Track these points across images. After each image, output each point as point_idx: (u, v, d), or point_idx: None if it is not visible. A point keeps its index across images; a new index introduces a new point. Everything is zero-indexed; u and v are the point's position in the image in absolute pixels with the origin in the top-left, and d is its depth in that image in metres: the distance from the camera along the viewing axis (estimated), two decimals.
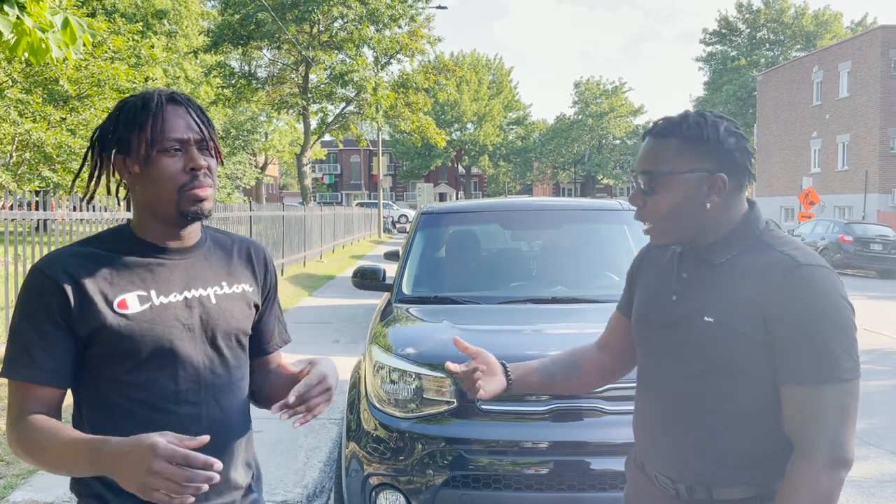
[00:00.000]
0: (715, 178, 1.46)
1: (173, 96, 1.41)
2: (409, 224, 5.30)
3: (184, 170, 1.38)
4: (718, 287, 1.47)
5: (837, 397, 1.35)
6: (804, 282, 1.38)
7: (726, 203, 1.48)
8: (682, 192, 1.47)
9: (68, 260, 1.37)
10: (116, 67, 13.98)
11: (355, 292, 10.15)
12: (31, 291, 1.36)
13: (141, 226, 1.44)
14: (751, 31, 53.04)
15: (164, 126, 1.36)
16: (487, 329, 3.69)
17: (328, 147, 60.43)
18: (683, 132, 1.47)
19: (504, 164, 66.90)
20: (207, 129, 1.41)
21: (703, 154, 1.46)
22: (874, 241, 19.95)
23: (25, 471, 4.29)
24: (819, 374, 1.35)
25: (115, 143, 1.40)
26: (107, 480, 1.33)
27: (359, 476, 3.10)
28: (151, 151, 1.35)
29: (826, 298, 1.37)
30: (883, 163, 30.83)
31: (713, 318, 1.45)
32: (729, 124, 1.48)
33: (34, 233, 7.24)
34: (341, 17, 26.74)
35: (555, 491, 2.89)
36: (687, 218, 1.49)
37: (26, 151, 13.71)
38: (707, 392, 1.47)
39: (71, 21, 4.23)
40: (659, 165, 1.49)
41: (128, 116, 1.38)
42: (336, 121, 29.96)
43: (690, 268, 1.55)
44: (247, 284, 1.54)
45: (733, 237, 1.49)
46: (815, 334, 1.36)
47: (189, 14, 35.85)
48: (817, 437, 1.35)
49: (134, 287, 1.38)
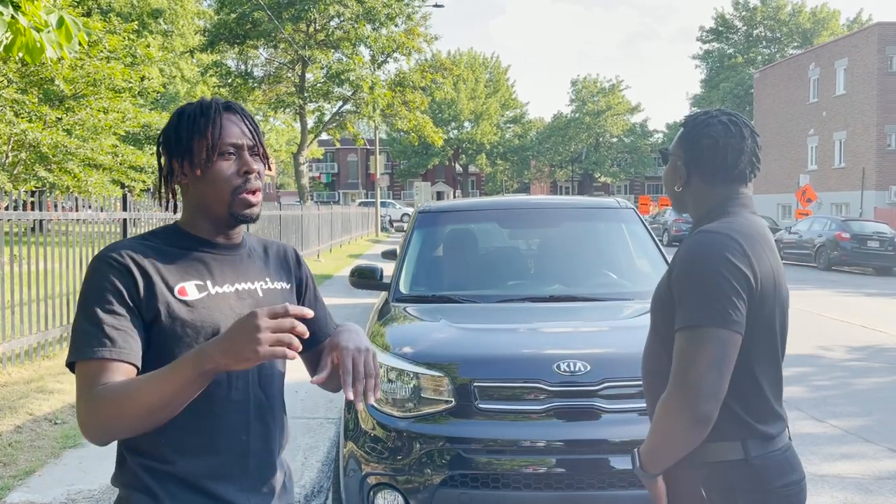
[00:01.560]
0: (680, 167, 1.77)
1: (229, 104, 1.51)
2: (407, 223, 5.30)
3: (238, 173, 1.47)
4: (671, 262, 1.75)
5: (693, 343, 1.52)
6: (689, 244, 1.63)
7: (693, 191, 1.76)
8: (669, 170, 1.83)
9: (132, 248, 1.44)
10: (112, 67, 13.94)
11: (353, 291, 10.13)
12: (99, 276, 1.39)
13: (192, 224, 1.52)
14: (747, 28, 53.07)
15: (222, 132, 1.46)
16: (485, 328, 3.68)
17: (325, 146, 60.41)
18: (685, 124, 1.79)
19: (501, 163, 66.85)
20: (258, 136, 1.51)
21: (683, 145, 1.77)
22: (871, 238, 19.97)
23: (23, 472, 4.28)
24: (681, 320, 1.56)
25: (177, 148, 1.48)
26: (152, 470, 1.39)
27: (357, 476, 3.09)
28: (212, 155, 1.45)
29: (698, 255, 1.58)
30: (880, 160, 30.86)
31: (657, 287, 1.73)
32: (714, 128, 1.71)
33: (30, 233, 7.22)
34: (338, 16, 26.69)
35: (553, 490, 2.89)
36: (671, 193, 1.83)
37: (22, 151, 13.67)
38: (652, 350, 1.73)
39: (66, 20, 4.21)
40: (671, 145, 1.83)
41: (188, 123, 1.47)
42: (333, 120, 29.92)
43: None
44: (285, 282, 1.62)
45: (702, 220, 1.75)
46: (681, 286, 1.58)
47: (185, 13, 35.78)
48: (673, 377, 1.54)
49: (191, 277, 1.46)
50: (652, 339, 1.74)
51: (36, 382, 6.16)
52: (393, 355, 3.26)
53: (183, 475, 1.41)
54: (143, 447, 1.42)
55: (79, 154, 14.03)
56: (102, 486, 4.09)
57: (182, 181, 1.50)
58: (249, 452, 1.47)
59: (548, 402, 2.98)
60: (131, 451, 1.44)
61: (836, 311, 11.85)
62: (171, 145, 1.49)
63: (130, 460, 1.43)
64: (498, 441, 2.96)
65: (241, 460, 1.46)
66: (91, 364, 1.33)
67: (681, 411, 1.50)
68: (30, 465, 4.41)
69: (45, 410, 5.48)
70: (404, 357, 3.22)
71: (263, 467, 1.50)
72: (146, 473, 1.41)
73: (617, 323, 3.75)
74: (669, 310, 1.61)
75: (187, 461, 1.41)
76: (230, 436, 1.44)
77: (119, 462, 1.47)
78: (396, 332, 3.59)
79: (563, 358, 3.06)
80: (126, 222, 8.30)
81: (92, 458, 4.54)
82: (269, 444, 1.51)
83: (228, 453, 1.44)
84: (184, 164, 1.48)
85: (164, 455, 1.41)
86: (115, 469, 1.48)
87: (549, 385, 2.99)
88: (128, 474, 1.44)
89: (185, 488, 1.41)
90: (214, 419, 1.42)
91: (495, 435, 2.97)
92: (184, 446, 1.41)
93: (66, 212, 7.38)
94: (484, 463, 2.92)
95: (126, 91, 15.38)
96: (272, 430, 1.52)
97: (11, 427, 5.08)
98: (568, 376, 2.99)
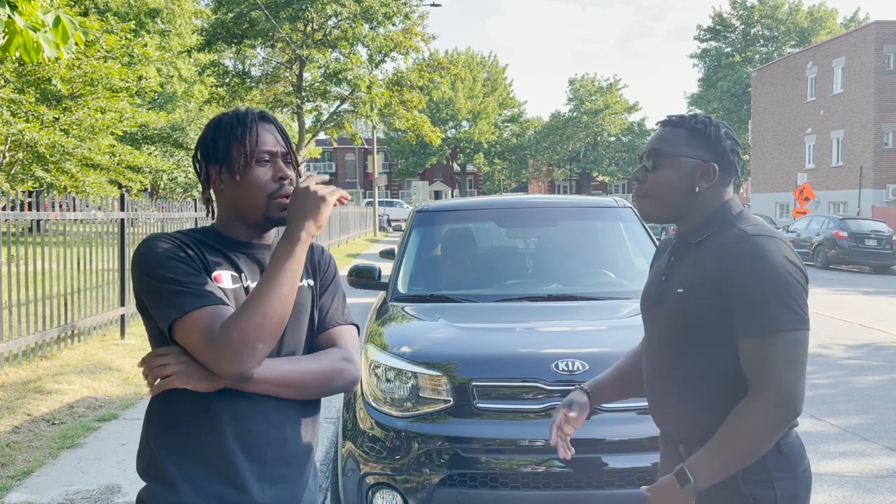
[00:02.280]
0: (708, 167, 1.70)
1: (263, 114, 1.59)
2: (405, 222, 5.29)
3: (273, 178, 1.54)
4: (690, 263, 1.71)
5: (780, 347, 1.52)
6: (748, 248, 1.59)
7: (712, 191, 1.72)
8: (680, 172, 1.72)
9: (175, 235, 1.52)
10: (109, 66, 13.90)
11: (351, 291, 10.10)
12: (158, 251, 1.46)
13: (227, 227, 1.59)
14: (745, 27, 53.10)
15: (259, 139, 1.54)
16: (484, 327, 3.68)
17: (323, 146, 60.34)
18: (692, 125, 1.73)
19: (499, 162, 66.83)
20: (289, 145, 1.60)
21: (704, 145, 1.71)
22: (869, 236, 20.01)
23: (21, 472, 4.28)
24: (761, 327, 1.54)
25: (214, 155, 1.55)
26: (179, 462, 1.45)
27: (355, 475, 3.09)
28: (250, 161, 1.52)
29: (764, 260, 1.57)
30: (877, 158, 30.90)
31: (683, 289, 1.68)
32: (728, 130, 1.74)
33: (27, 233, 7.21)
34: (335, 16, 26.65)
35: (551, 489, 2.89)
36: (678, 196, 1.72)
37: (19, 151, 13.64)
38: (681, 357, 1.68)
39: (63, 20, 4.20)
40: (666, 147, 1.74)
41: (226, 131, 1.55)
42: (331, 119, 29.88)
43: (677, 251, 1.79)
44: (310, 279, 1.67)
45: (710, 221, 1.72)
46: (754, 292, 1.55)
47: (182, 13, 35.73)
48: (764, 382, 1.53)
49: (226, 268, 1.53)
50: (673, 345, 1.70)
51: (34, 383, 6.15)
52: (391, 355, 3.26)
53: (203, 461, 1.45)
54: (164, 433, 1.48)
55: (76, 154, 14.00)
56: (101, 487, 4.09)
57: (219, 187, 1.57)
58: (268, 442, 1.50)
59: (546, 402, 2.98)
60: (154, 439, 1.49)
61: (834, 310, 11.87)
62: (208, 152, 1.56)
63: (153, 445, 1.49)
64: (496, 440, 2.96)
65: (258, 450, 1.49)
66: (199, 313, 1.39)
67: (776, 415, 1.52)
68: (28, 465, 4.40)
69: (42, 411, 5.47)
70: (402, 357, 3.22)
71: (281, 458, 1.52)
72: (166, 460, 1.46)
73: (615, 322, 3.75)
74: (715, 315, 1.61)
75: (206, 448, 1.46)
76: (249, 424, 1.48)
77: (140, 450, 1.53)
78: (395, 332, 3.59)
79: (561, 357, 3.06)
80: (124, 222, 8.29)
81: (90, 459, 4.53)
82: (286, 435, 1.54)
83: (247, 442, 1.47)
84: (221, 171, 1.55)
85: (183, 441, 1.46)
86: (136, 459, 1.54)
87: (547, 384, 2.99)
88: (147, 459, 1.50)
89: (203, 474, 1.45)
90: (234, 408, 1.46)
91: (494, 434, 2.97)
92: (202, 434, 1.46)
93: (63, 212, 7.37)
94: (482, 462, 2.92)
95: (123, 91, 15.34)
96: (292, 421, 1.55)
97: (9, 427, 5.07)
98: (566, 375, 2.99)
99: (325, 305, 1.66)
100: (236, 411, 1.46)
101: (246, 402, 1.46)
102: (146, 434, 1.52)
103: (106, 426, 5.21)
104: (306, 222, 1.45)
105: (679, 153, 1.72)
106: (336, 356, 1.58)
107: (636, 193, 1.80)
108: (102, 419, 5.35)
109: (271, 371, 1.45)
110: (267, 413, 1.49)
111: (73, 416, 5.42)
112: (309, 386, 1.52)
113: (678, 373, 1.69)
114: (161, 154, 24.52)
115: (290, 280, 1.43)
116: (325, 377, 1.53)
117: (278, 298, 1.40)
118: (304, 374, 1.51)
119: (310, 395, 1.56)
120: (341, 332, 1.64)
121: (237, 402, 1.46)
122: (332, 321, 1.65)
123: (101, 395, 6.02)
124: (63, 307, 7.31)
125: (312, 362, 1.54)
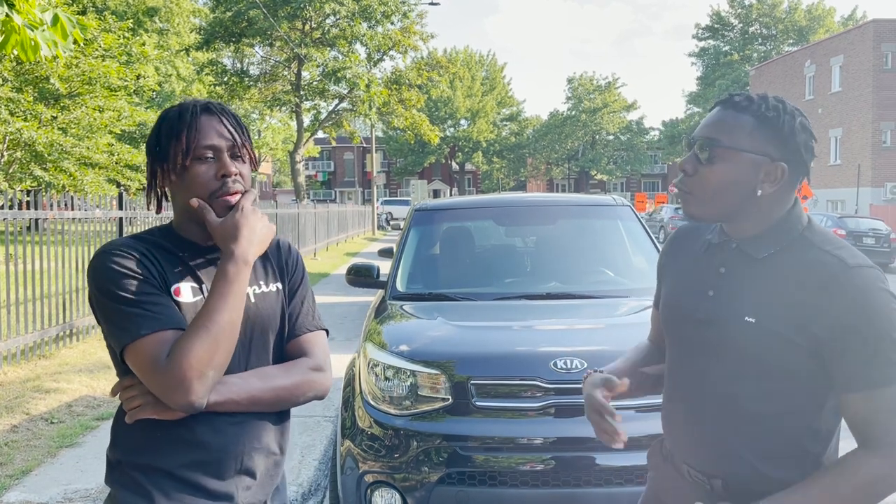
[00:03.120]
0: (775, 166, 1.41)
1: (208, 106, 1.49)
2: (404, 221, 5.29)
3: (215, 176, 1.45)
4: (760, 286, 1.43)
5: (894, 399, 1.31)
6: (855, 286, 1.33)
7: (778, 194, 1.43)
8: (740, 170, 1.42)
9: (131, 244, 1.44)
10: (107, 65, 13.90)
11: (349, 290, 10.11)
12: (114, 266, 1.39)
13: (182, 227, 1.51)
14: (743, 26, 53.13)
15: (198, 135, 1.44)
16: (482, 325, 3.69)
17: (321, 144, 60.30)
18: (761, 112, 1.42)
19: (498, 161, 66.84)
20: (240, 136, 1.48)
21: (773, 139, 1.41)
22: (867, 234, 20.05)
23: (19, 471, 4.27)
24: (885, 377, 1.31)
25: (157, 154, 1.48)
26: (145, 468, 1.41)
27: (354, 474, 3.09)
28: (186, 160, 1.43)
29: (880, 301, 1.33)
30: (875, 157, 30.93)
31: (754, 318, 1.40)
32: (804, 120, 1.44)
33: (25, 232, 7.20)
34: (333, 14, 26.64)
35: (551, 487, 2.89)
36: (734, 198, 1.43)
37: (17, 150, 13.63)
38: (743, 392, 1.44)
39: (61, 18, 4.20)
40: (725, 136, 1.43)
41: (167, 128, 1.46)
42: (329, 118, 29.87)
43: (729, 262, 1.49)
44: (278, 283, 1.59)
45: (777, 231, 1.45)
46: (875, 338, 1.31)
47: (180, 11, 35.70)
48: (884, 436, 1.32)
49: (186, 279, 1.46)
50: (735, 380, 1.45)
51: (32, 382, 6.14)
52: (390, 353, 3.26)
53: (173, 470, 1.41)
54: (134, 444, 1.43)
55: (74, 153, 13.99)
56: (99, 486, 4.08)
57: (165, 186, 1.50)
58: (241, 447, 1.46)
59: (545, 400, 2.98)
60: (122, 450, 1.44)
61: None
62: (153, 150, 1.49)
63: (122, 458, 1.44)
64: (495, 438, 2.96)
65: (232, 455, 1.45)
66: (148, 339, 1.33)
67: None
68: (26, 464, 4.40)
69: (41, 410, 5.47)
70: (401, 355, 3.22)
71: (253, 464, 1.48)
72: (137, 471, 1.41)
73: (614, 320, 3.76)
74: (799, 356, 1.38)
75: (178, 456, 1.41)
76: (221, 430, 1.44)
77: (109, 461, 1.47)
78: (393, 330, 3.59)
79: (559, 355, 3.07)
80: (122, 221, 8.28)
81: (89, 458, 4.53)
82: (263, 440, 1.50)
83: (219, 448, 1.44)
84: (165, 169, 1.47)
85: (154, 451, 1.41)
86: (105, 468, 1.49)
87: (545, 382, 2.99)
88: (118, 472, 1.44)
89: (176, 484, 1.41)
90: (205, 414, 1.40)
91: (492, 432, 2.97)
92: (174, 442, 1.41)
93: (61, 210, 7.36)
94: (481, 460, 2.92)
95: (121, 89, 15.34)
96: (265, 425, 1.51)
97: (8, 426, 5.07)
98: (564, 373, 2.99)
99: (295, 311, 1.59)
100: (209, 420, 1.42)
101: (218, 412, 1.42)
102: (113, 443, 1.47)
103: (105, 425, 5.20)
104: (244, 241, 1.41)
105: (742, 146, 1.41)
106: (306, 367, 1.52)
107: (681, 188, 1.49)
108: (101, 418, 5.35)
109: (239, 389, 1.41)
110: (239, 421, 1.45)
111: (71, 414, 5.42)
112: (279, 401, 1.48)
113: (739, 411, 1.45)
114: None
115: (236, 304, 1.38)
116: (296, 391, 1.49)
117: (227, 324, 1.35)
118: (274, 391, 1.46)
119: (280, 409, 1.52)
120: (311, 340, 1.58)
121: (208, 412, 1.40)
122: (302, 327, 1.58)
123: (99, 393, 6.02)
124: (61, 306, 7.31)
125: (282, 377, 1.48)
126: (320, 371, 1.54)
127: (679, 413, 1.58)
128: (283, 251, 1.64)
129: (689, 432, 1.55)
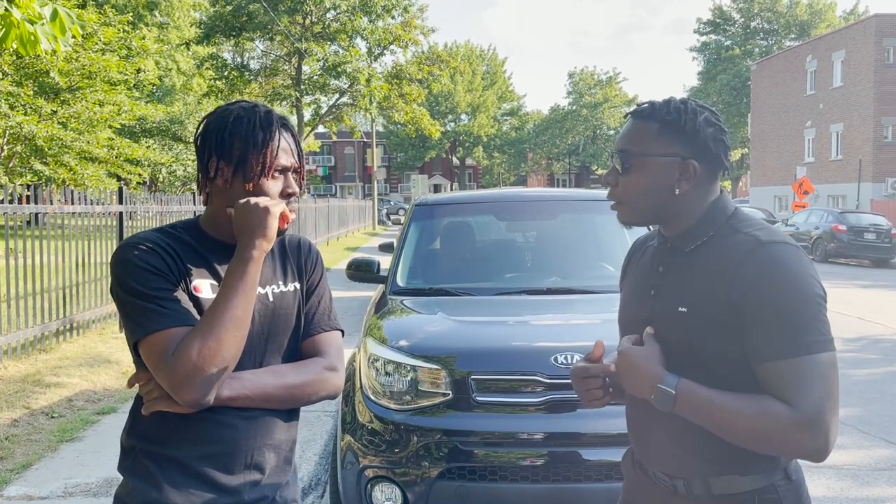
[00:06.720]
0: (687, 165, 1.48)
1: (284, 122, 1.52)
2: (404, 216, 5.28)
3: (282, 194, 1.49)
4: (688, 276, 1.49)
5: (818, 368, 1.32)
6: (768, 259, 1.38)
7: (697, 190, 1.50)
8: (654, 174, 1.49)
9: (155, 238, 1.46)
10: (107, 59, 13.88)
11: (350, 284, 10.11)
12: (135, 259, 1.40)
13: (214, 225, 1.52)
14: (745, 20, 52.96)
15: (280, 153, 1.48)
16: (482, 321, 3.68)
17: (322, 139, 60.25)
18: (662, 116, 1.49)
19: (498, 155, 66.78)
20: (301, 158, 1.54)
21: (678, 140, 1.48)
22: (868, 230, 20.04)
23: (20, 465, 4.28)
24: (797, 347, 1.33)
25: (223, 152, 1.47)
26: (157, 457, 1.43)
27: (354, 469, 3.09)
28: (266, 174, 1.46)
29: (792, 273, 1.37)
30: (876, 152, 30.87)
31: (686, 307, 1.46)
32: (709, 115, 1.50)
33: (26, 226, 7.20)
34: (334, 8, 26.56)
35: (550, 482, 2.89)
36: (656, 200, 1.50)
37: (17, 144, 13.62)
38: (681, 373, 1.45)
39: (60, 12, 4.18)
40: (635, 146, 1.51)
41: (245, 132, 1.46)
42: (330, 112, 29.82)
43: (665, 260, 1.57)
44: (296, 282, 1.61)
45: (703, 224, 1.51)
46: (786, 309, 1.34)
47: (180, 5, 35.63)
48: (801, 403, 1.31)
49: (206, 276, 1.48)
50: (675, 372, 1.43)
51: (33, 376, 6.15)
52: (390, 348, 3.26)
53: (185, 462, 1.44)
54: (149, 433, 1.45)
55: (74, 147, 13.99)
56: (100, 480, 4.09)
57: (220, 184, 1.48)
58: (252, 442, 1.48)
59: (545, 395, 2.98)
60: (136, 437, 1.47)
61: (832, 303, 11.81)
62: (218, 147, 1.47)
63: (136, 445, 1.47)
64: (495, 434, 2.96)
65: (242, 450, 1.47)
66: (159, 336, 1.35)
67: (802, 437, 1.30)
68: (27, 458, 4.41)
69: (42, 404, 5.48)
70: (401, 350, 3.22)
71: (264, 459, 1.50)
72: (149, 459, 1.44)
73: (614, 315, 3.75)
74: (727, 336, 1.40)
75: (189, 447, 1.44)
76: (233, 425, 1.46)
77: (124, 447, 1.51)
78: (393, 325, 3.59)
79: (560, 350, 3.06)
80: (122, 216, 8.28)
81: (89, 452, 4.54)
82: (274, 436, 1.52)
83: (230, 442, 1.46)
84: (232, 172, 1.46)
85: (167, 441, 1.44)
86: (119, 455, 1.52)
87: (546, 377, 2.99)
88: (131, 459, 1.47)
89: (186, 476, 1.43)
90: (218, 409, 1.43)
91: (492, 427, 2.97)
92: (187, 434, 1.44)
93: (61, 205, 7.36)
94: (481, 455, 2.93)
95: (121, 84, 15.34)
96: (276, 422, 1.53)
97: (8, 421, 5.07)
98: (565, 369, 2.99)
99: (312, 310, 1.61)
100: (221, 415, 1.44)
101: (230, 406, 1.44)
102: (129, 430, 1.50)
103: (105, 419, 5.21)
104: (256, 239, 1.41)
105: (651, 152, 1.49)
106: (320, 366, 1.54)
107: (610, 199, 1.58)
108: (101, 412, 5.35)
109: (252, 385, 1.43)
110: (251, 417, 1.47)
111: (72, 409, 5.43)
112: (292, 399, 1.50)
113: None
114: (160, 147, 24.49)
115: (245, 302, 1.39)
116: (308, 389, 1.51)
117: (233, 322, 1.36)
118: (287, 389, 1.48)
119: (293, 407, 1.54)
120: (326, 340, 1.59)
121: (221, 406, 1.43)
122: (318, 327, 1.60)
123: (99, 388, 6.02)
124: (62, 300, 7.31)
125: (296, 375, 1.50)
126: (334, 371, 1.55)
127: (640, 416, 1.58)
128: (304, 251, 1.65)
129: (649, 435, 1.57)
